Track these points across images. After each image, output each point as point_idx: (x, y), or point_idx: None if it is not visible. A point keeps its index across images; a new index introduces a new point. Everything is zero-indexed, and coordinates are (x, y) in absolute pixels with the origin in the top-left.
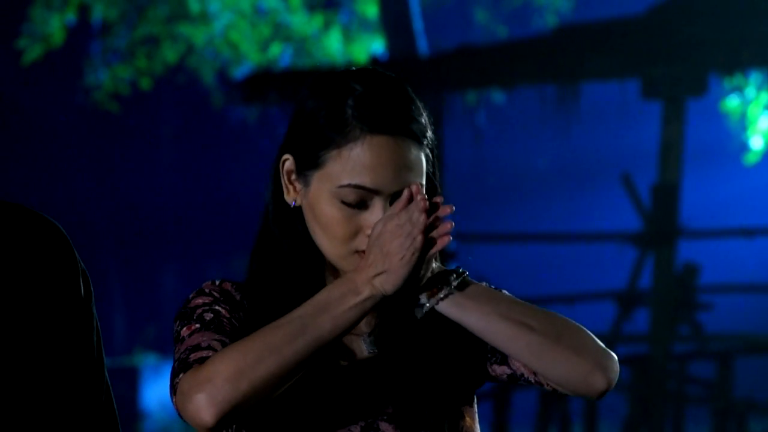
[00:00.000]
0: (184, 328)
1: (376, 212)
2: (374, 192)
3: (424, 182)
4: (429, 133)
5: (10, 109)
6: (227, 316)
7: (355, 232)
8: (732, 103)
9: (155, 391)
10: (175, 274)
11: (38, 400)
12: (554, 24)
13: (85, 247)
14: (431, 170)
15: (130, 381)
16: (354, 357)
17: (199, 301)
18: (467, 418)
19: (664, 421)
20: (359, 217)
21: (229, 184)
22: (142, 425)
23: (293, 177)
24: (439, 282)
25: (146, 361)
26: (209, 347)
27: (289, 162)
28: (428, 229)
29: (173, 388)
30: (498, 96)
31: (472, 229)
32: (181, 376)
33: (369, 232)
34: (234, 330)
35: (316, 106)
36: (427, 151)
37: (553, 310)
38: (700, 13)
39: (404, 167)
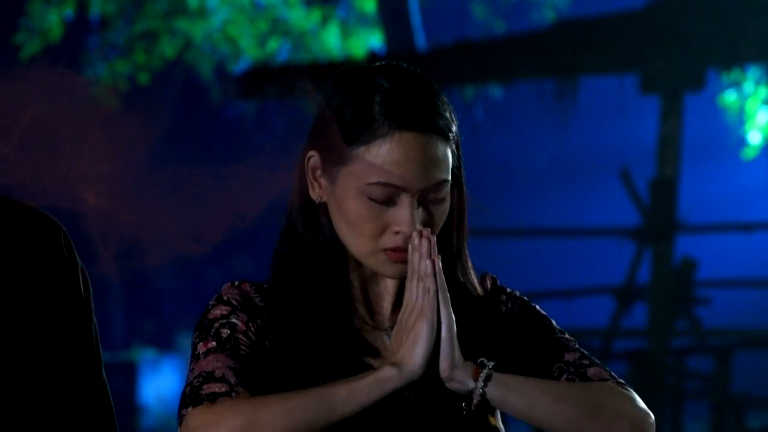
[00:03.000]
0: (201, 344)
1: (403, 209)
2: (402, 189)
3: (449, 178)
4: (454, 128)
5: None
6: (244, 329)
7: (383, 229)
8: (730, 97)
9: (153, 386)
10: (174, 269)
11: (38, 395)
12: (552, 19)
13: (83, 241)
14: (456, 165)
15: (128, 376)
16: (378, 354)
17: (217, 312)
18: (491, 418)
19: (662, 416)
20: (386, 214)
21: None
22: (139, 420)
23: (318, 173)
24: (474, 366)
25: (144, 355)
26: (223, 379)
27: (314, 159)
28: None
29: (180, 418)
30: (496, 91)
31: (469, 224)
32: (190, 409)
33: (396, 229)
34: (250, 347)
35: (341, 103)
36: (453, 146)
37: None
38: (698, 8)
39: (432, 163)
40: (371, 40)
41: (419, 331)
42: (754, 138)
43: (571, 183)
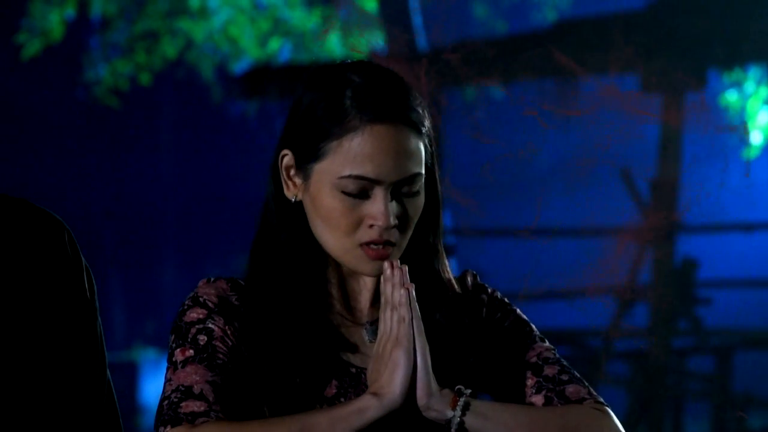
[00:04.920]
0: (179, 351)
1: (377, 202)
2: (375, 182)
3: (423, 171)
4: (427, 124)
5: (9, 105)
6: (221, 334)
7: (358, 223)
8: (731, 97)
9: (154, 386)
10: (175, 269)
11: (43, 395)
12: (553, 19)
13: (84, 241)
14: (430, 161)
15: (129, 376)
16: (357, 350)
17: (194, 315)
18: None
19: (663, 416)
20: (361, 208)
21: (227, 178)
22: (141, 420)
23: (292, 172)
24: (452, 394)
25: (145, 355)
26: (201, 396)
27: (288, 157)
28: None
29: None
30: (497, 91)
31: (470, 224)
32: (168, 429)
33: (371, 222)
34: (227, 354)
35: (313, 99)
36: (426, 141)
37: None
38: (699, 8)
39: (404, 156)
40: (372, 41)
41: (397, 360)
42: (755, 138)
43: (571, 183)
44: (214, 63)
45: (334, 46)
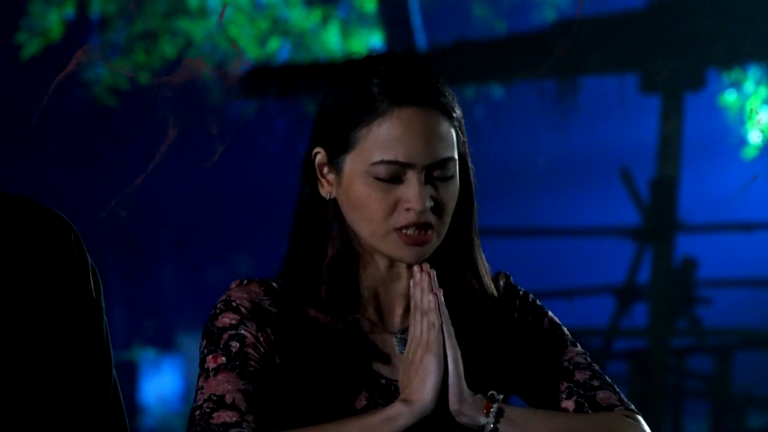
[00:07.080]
0: (211, 357)
1: (411, 186)
2: (407, 165)
3: (456, 156)
4: (458, 111)
5: (9, 104)
6: (253, 341)
7: (393, 208)
8: (730, 97)
9: (154, 386)
10: (175, 269)
11: (49, 395)
12: (553, 18)
13: (84, 241)
14: (463, 150)
15: (129, 376)
16: (389, 360)
17: (226, 320)
18: None
19: (663, 416)
20: (395, 193)
21: (227, 178)
22: (140, 420)
23: (325, 170)
24: (484, 400)
25: (145, 355)
26: (233, 405)
27: (320, 155)
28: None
29: None
30: (497, 91)
31: None
32: None
33: (406, 206)
34: (259, 361)
35: (341, 92)
36: (457, 128)
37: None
38: (699, 8)
39: (435, 138)
40: (372, 40)
41: (427, 366)
42: (754, 137)
43: (571, 182)
44: (213, 63)
45: (333, 45)
